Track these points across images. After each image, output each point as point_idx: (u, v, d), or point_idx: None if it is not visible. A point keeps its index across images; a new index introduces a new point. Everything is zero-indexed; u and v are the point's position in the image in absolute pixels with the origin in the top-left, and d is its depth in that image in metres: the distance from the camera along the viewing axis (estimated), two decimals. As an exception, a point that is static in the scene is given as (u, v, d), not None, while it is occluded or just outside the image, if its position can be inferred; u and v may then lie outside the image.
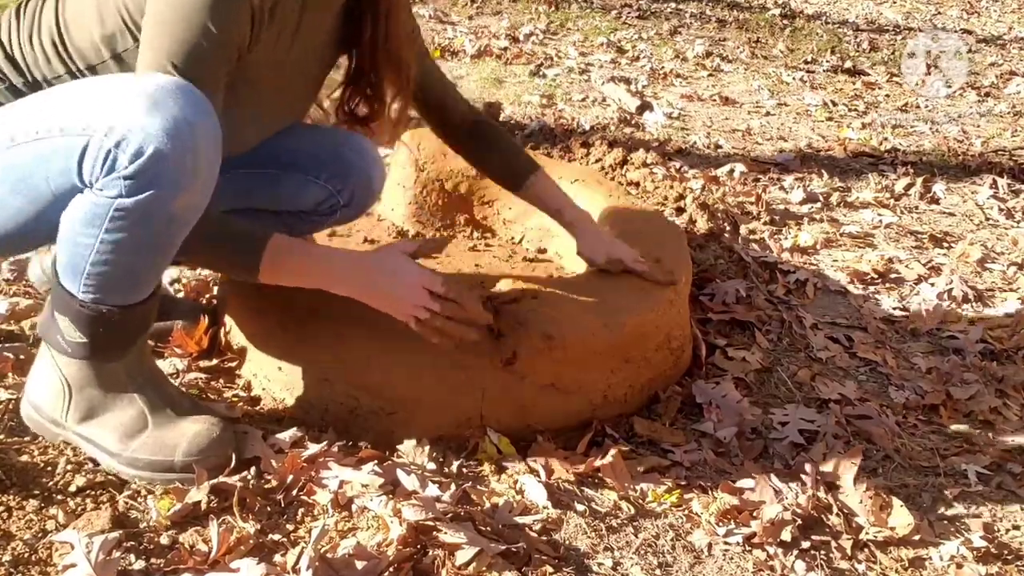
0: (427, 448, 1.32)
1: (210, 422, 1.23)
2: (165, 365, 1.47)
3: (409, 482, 1.22)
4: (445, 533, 1.13)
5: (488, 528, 1.19)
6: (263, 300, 1.42)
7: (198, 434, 1.20)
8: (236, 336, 1.48)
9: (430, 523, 1.16)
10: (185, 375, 1.45)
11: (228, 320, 1.51)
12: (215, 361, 1.48)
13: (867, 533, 1.27)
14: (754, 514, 1.29)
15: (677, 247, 1.66)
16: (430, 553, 1.11)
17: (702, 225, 2.25)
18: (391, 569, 1.08)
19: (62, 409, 1.19)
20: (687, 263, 1.63)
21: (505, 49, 4.14)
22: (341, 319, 1.36)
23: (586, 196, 1.85)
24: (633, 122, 3.25)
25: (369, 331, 1.35)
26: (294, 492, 1.22)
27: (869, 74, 4.31)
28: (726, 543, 1.24)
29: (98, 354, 1.16)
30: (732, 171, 2.78)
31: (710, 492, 1.32)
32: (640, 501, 1.29)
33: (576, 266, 1.83)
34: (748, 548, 1.23)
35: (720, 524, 1.26)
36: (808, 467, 1.37)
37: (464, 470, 1.31)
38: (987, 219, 2.59)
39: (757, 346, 1.76)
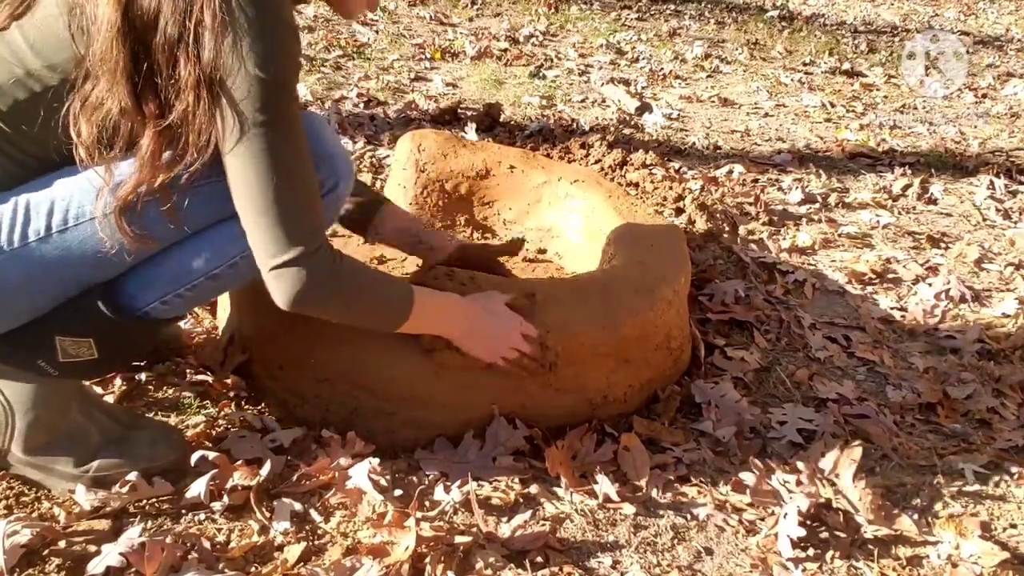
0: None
1: (158, 428, 1.27)
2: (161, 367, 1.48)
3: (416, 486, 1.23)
4: (451, 535, 1.14)
5: (491, 528, 1.20)
6: (263, 300, 1.42)
7: (154, 441, 1.22)
8: (237, 336, 1.49)
9: (438, 525, 1.17)
10: (194, 376, 1.46)
11: (229, 321, 1.52)
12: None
13: (865, 531, 1.28)
14: (753, 513, 1.30)
15: (676, 247, 1.66)
16: (434, 554, 1.12)
17: (701, 225, 2.26)
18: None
19: (3, 436, 1.15)
20: (686, 263, 1.64)
21: (505, 51, 4.14)
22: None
23: (586, 197, 1.86)
24: (632, 123, 3.25)
25: (369, 331, 1.35)
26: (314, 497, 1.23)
27: (867, 75, 4.32)
28: (725, 541, 1.24)
29: (101, 369, 1.18)
30: (731, 172, 2.79)
31: (709, 491, 1.33)
32: (641, 499, 1.30)
33: (576, 266, 1.84)
34: (746, 546, 1.24)
35: (719, 523, 1.27)
36: (806, 466, 1.38)
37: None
38: (984, 220, 2.60)
39: (756, 346, 1.77)
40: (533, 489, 1.28)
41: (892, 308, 2.01)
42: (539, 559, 1.15)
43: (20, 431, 1.15)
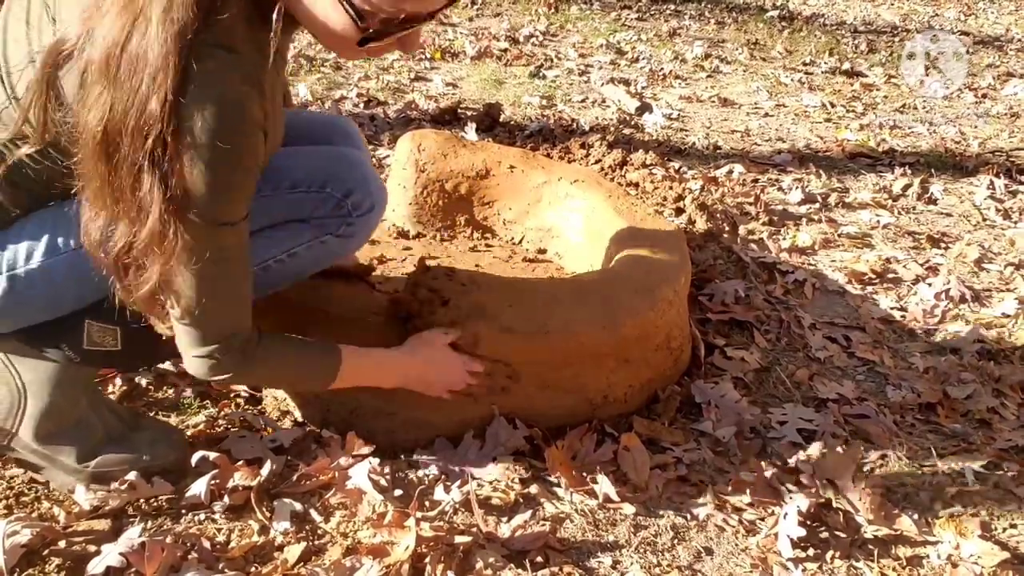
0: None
1: (159, 428, 1.28)
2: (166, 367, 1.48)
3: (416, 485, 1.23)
4: (451, 535, 1.14)
5: (491, 528, 1.20)
6: (263, 300, 1.42)
7: (155, 441, 1.24)
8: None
9: (438, 525, 1.17)
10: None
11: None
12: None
13: (865, 531, 1.28)
14: (752, 513, 1.30)
15: (676, 247, 1.67)
16: (434, 554, 1.12)
17: (701, 225, 2.26)
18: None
19: (14, 419, 1.17)
20: (686, 263, 1.64)
21: (505, 50, 4.15)
22: (342, 320, 1.37)
23: (586, 197, 1.86)
24: (632, 123, 3.25)
25: (370, 332, 1.35)
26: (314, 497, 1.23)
27: (867, 75, 4.32)
28: (725, 541, 1.24)
29: (120, 363, 1.23)
30: (731, 172, 2.79)
31: (710, 491, 1.33)
32: (641, 499, 1.30)
33: (576, 266, 1.84)
34: (746, 546, 1.24)
35: (719, 523, 1.27)
36: (806, 466, 1.38)
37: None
38: (984, 220, 2.60)
39: (756, 346, 1.77)
40: (533, 489, 1.28)
41: (892, 308, 2.01)
42: (539, 559, 1.15)
43: (31, 416, 1.16)
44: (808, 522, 1.25)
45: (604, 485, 1.29)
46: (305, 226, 1.18)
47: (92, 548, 1.09)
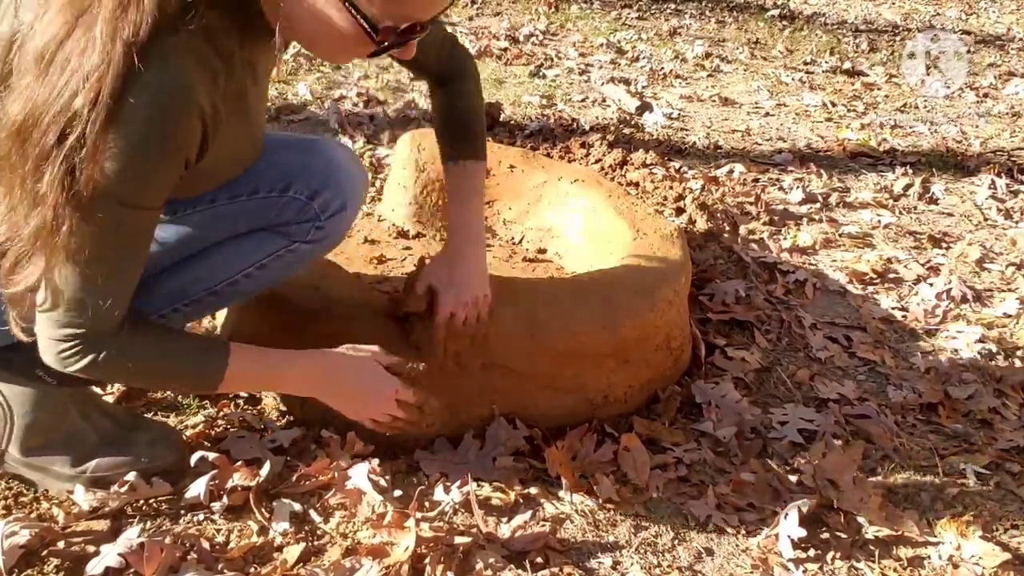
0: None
1: (158, 429, 1.27)
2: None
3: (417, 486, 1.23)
4: (451, 536, 1.14)
5: (491, 528, 1.20)
6: (261, 301, 1.42)
7: (153, 442, 1.23)
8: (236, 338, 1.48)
9: (438, 526, 1.16)
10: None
11: (227, 321, 1.51)
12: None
13: (866, 532, 1.27)
14: (753, 513, 1.30)
15: (676, 247, 1.66)
16: (434, 555, 1.12)
17: (701, 225, 2.25)
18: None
19: (1, 437, 1.16)
20: (687, 263, 1.64)
21: (505, 50, 4.14)
22: (342, 319, 1.37)
23: (586, 196, 1.86)
24: (633, 123, 3.25)
25: (370, 334, 1.35)
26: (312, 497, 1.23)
27: (868, 75, 4.32)
28: (725, 542, 1.24)
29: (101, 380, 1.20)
30: (731, 171, 2.78)
31: (710, 491, 1.32)
32: (641, 499, 1.30)
33: (576, 266, 1.83)
34: (747, 547, 1.23)
35: (719, 523, 1.27)
36: (807, 467, 1.38)
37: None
38: (985, 219, 2.60)
39: (756, 346, 1.77)
40: (533, 489, 1.28)
41: (893, 308, 2.01)
42: (539, 560, 1.15)
43: (18, 432, 1.15)
44: (809, 523, 1.25)
45: (604, 486, 1.28)
46: (272, 235, 1.10)
47: (91, 549, 1.09)
